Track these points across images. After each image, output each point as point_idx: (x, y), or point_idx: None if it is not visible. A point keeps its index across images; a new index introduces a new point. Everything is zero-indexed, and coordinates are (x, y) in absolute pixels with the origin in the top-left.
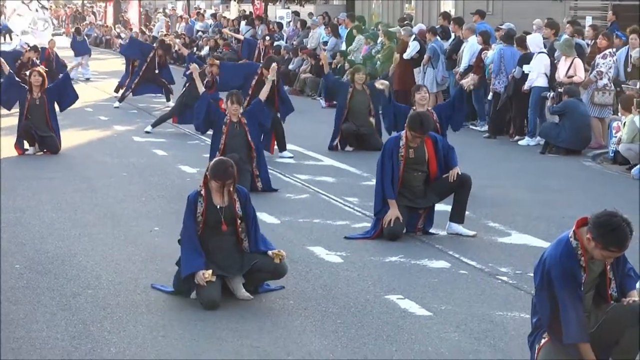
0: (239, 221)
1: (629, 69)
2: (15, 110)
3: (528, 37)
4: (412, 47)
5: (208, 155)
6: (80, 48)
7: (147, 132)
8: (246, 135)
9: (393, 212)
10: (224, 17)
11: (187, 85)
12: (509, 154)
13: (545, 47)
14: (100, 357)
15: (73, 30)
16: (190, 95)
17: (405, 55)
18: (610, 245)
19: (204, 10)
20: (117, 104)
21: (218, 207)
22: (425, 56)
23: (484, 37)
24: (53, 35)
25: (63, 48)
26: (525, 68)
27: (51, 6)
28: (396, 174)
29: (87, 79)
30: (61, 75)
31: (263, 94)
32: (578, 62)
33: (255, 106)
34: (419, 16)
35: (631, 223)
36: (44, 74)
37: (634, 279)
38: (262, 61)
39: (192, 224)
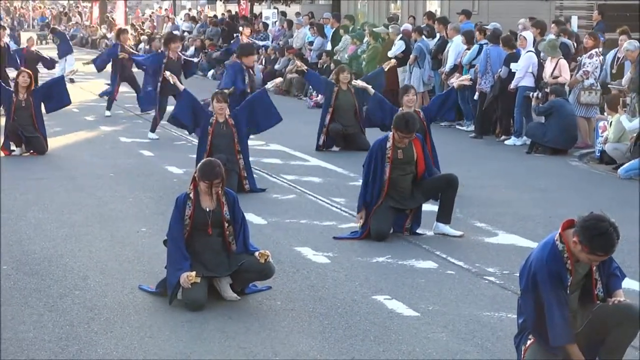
0: (226, 224)
1: (614, 71)
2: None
3: (523, 32)
4: (398, 46)
5: (194, 156)
6: (62, 48)
7: (154, 139)
8: (233, 136)
9: (362, 216)
10: (209, 17)
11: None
12: (496, 154)
13: (533, 46)
14: (88, 358)
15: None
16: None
17: (390, 54)
18: (597, 249)
19: (190, 10)
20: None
21: (206, 210)
22: (412, 55)
23: (467, 36)
24: (38, 36)
25: (52, 48)
26: (513, 66)
27: (39, 7)
28: (381, 176)
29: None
30: (54, 77)
31: None
32: (563, 62)
33: (243, 110)
34: (405, 16)
35: (618, 227)
36: (32, 75)
37: (620, 278)
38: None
39: (178, 226)
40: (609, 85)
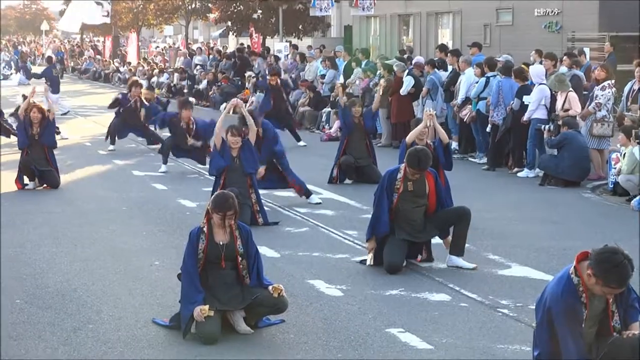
0: (239, 258)
1: (629, 103)
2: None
3: (530, 67)
4: (407, 83)
5: (207, 189)
6: (56, 84)
7: (164, 172)
8: (244, 169)
9: (371, 245)
10: (218, 52)
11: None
12: (508, 186)
13: (546, 78)
14: None
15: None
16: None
17: (402, 92)
18: (611, 282)
19: (204, 44)
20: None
21: (220, 243)
22: (424, 88)
23: (481, 68)
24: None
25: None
26: (526, 99)
27: (53, 41)
28: (389, 206)
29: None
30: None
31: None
32: (572, 95)
33: (248, 144)
34: (417, 48)
35: (632, 260)
36: (44, 110)
37: (638, 311)
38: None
39: (191, 260)
40: (624, 113)
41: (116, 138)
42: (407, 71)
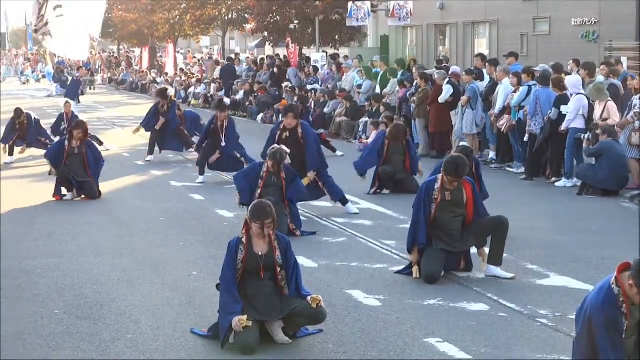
0: (278, 269)
1: None
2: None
3: (567, 78)
4: (446, 91)
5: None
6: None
7: (202, 183)
8: (282, 187)
9: (414, 258)
10: (254, 63)
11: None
12: (546, 196)
13: (583, 88)
14: None
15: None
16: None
17: (440, 99)
18: None
19: (239, 54)
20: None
21: (259, 254)
22: (465, 97)
23: (517, 77)
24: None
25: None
26: (563, 109)
27: (90, 52)
28: (427, 216)
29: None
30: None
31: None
32: (611, 105)
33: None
34: (453, 58)
35: None
36: (87, 129)
37: None
38: None
39: (230, 271)
40: None
41: (155, 150)
42: (446, 79)
